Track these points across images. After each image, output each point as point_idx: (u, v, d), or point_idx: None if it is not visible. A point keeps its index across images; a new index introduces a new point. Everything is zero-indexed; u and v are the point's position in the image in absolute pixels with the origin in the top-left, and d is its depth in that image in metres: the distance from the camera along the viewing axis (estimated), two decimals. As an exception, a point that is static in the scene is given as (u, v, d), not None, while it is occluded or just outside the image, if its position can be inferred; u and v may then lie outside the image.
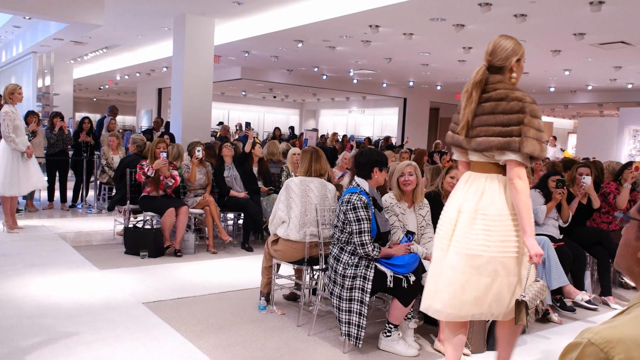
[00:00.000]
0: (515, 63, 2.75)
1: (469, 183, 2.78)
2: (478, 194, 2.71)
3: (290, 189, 4.24)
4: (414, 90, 19.39)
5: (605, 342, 1.07)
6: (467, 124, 2.73)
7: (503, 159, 2.67)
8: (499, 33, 2.57)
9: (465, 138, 2.76)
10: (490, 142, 2.65)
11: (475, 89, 2.72)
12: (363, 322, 3.50)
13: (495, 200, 2.69)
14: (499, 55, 2.74)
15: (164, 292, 4.72)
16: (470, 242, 2.70)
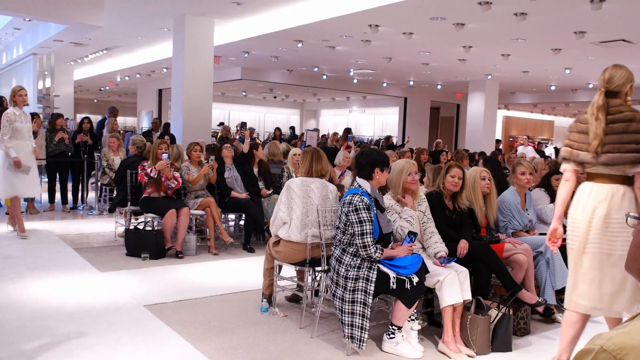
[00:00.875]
0: (629, 88, 3.18)
1: (595, 192, 3.17)
2: (607, 201, 3.12)
3: (291, 189, 4.21)
4: (415, 89, 19.36)
5: (619, 348, 1.05)
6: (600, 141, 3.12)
7: (633, 172, 3.10)
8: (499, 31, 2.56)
9: (593, 154, 3.14)
10: (625, 158, 3.07)
11: (600, 112, 3.13)
12: (366, 324, 3.48)
13: (624, 204, 3.12)
14: (616, 82, 3.16)
15: (166, 294, 4.69)
16: (605, 242, 3.10)
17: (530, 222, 4.82)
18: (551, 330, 4.26)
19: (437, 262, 3.81)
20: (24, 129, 6.48)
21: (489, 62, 12.61)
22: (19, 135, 6.41)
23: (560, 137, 26.50)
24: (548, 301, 4.31)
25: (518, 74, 14.22)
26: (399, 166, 4.01)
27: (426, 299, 4.13)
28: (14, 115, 6.37)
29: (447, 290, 3.66)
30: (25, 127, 6.48)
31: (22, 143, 6.45)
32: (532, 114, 25.13)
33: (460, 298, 3.67)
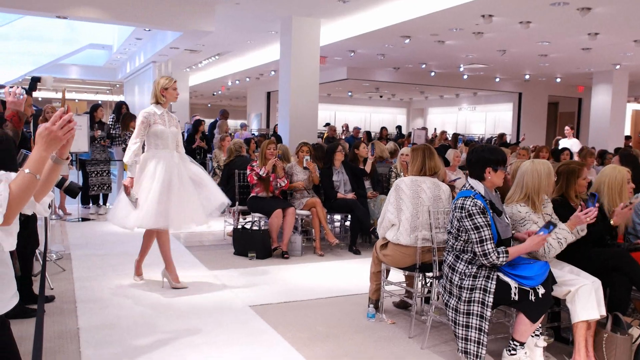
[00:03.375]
0: None
1: None
2: None
3: (401, 189, 3.96)
4: (530, 83, 18.24)
5: None
6: None
7: None
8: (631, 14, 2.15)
9: None
10: None
11: None
12: (484, 338, 3.14)
13: None
14: None
15: (271, 295, 4.64)
16: None
17: (677, 226, 4.18)
18: None
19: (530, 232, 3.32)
20: (168, 135, 4.68)
21: (618, 50, 11.48)
22: (160, 143, 4.64)
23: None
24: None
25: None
26: (547, 169, 3.49)
27: (553, 311, 3.70)
28: (153, 114, 4.65)
29: (581, 303, 3.22)
30: (169, 133, 4.68)
31: (165, 154, 4.65)
32: (669, 107, 22.70)
33: (597, 313, 3.22)
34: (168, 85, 4.68)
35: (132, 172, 4.59)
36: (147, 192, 4.52)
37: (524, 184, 3.49)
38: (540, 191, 3.46)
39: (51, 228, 6.98)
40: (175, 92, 4.75)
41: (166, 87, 4.67)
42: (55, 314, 4.03)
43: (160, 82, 4.70)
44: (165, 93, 4.68)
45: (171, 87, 4.69)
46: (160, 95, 4.68)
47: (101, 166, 8.25)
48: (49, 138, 1.79)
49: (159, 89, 4.68)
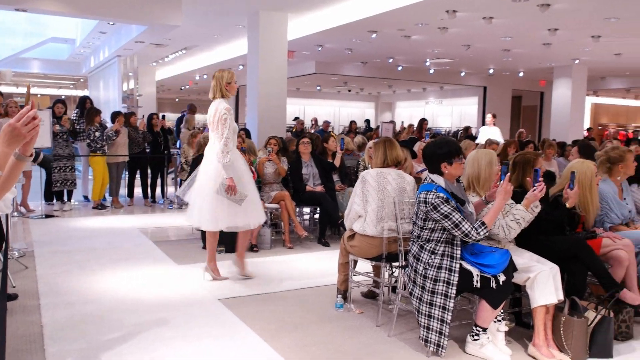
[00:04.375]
0: None
1: None
2: None
3: (367, 181, 4.03)
4: (495, 78, 18.56)
5: None
6: None
7: None
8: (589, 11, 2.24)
9: None
10: None
11: None
12: (445, 329, 3.24)
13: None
14: None
15: (240, 288, 4.66)
16: None
17: (630, 213, 4.37)
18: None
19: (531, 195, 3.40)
20: (236, 131, 4.74)
21: (577, 45, 11.79)
22: (233, 139, 4.64)
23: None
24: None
25: (609, 57, 13.22)
26: (487, 157, 3.63)
27: (513, 297, 3.82)
28: (230, 110, 4.61)
29: (540, 288, 3.35)
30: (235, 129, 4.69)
31: (236, 151, 4.76)
32: (625, 100, 23.40)
33: (554, 298, 3.35)
34: (231, 79, 4.65)
35: (229, 172, 4.51)
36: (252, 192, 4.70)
37: (465, 172, 3.63)
38: (480, 179, 3.59)
39: (13, 225, 6.84)
40: (236, 86, 4.75)
41: (229, 82, 4.64)
42: (17, 312, 3.97)
43: (224, 76, 4.65)
44: (229, 87, 4.65)
45: (233, 81, 4.67)
46: (225, 90, 4.64)
47: (64, 162, 8.09)
48: (12, 135, 1.78)
49: (224, 83, 4.63)
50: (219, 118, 4.52)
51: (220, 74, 4.67)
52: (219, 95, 4.65)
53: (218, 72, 4.70)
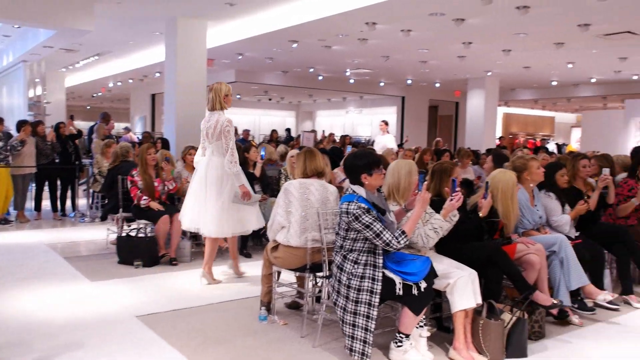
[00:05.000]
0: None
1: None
2: None
3: (289, 192, 3.99)
4: (413, 88, 19.18)
5: None
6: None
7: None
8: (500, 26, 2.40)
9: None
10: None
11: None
12: (369, 337, 3.24)
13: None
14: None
15: (159, 303, 4.46)
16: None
17: (541, 219, 4.60)
18: (567, 333, 4.04)
19: (449, 205, 3.50)
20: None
21: (489, 58, 12.42)
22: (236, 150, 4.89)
23: (561, 133, 26.33)
24: (563, 303, 4.08)
25: (519, 69, 14.03)
26: (406, 167, 3.72)
27: (434, 303, 3.90)
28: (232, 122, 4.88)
29: (459, 294, 3.44)
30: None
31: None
32: (533, 110, 24.93)
33: (473, 302, 3.45)
34: (228, 92, 4.85)
35: (240, 179, 4.79)
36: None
37: (386, 181, 3.69)
38: (400, 188, 3.67)
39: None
40: (232, 99, 4.96)
41: (227, 94, 4.84)
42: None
43: (223, 89, 4.84)
44: (227, 99, 4.84)
45: (230, 94, 4.87)
46: (223, 102, 4.82)
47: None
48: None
49: (222, 96, 4.81)
50: (222, 130, 4.74)
51: (218, 86, 4.85)
52: (218, 107, 4.82)
53: (217, 85, 4.88)
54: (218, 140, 4.78)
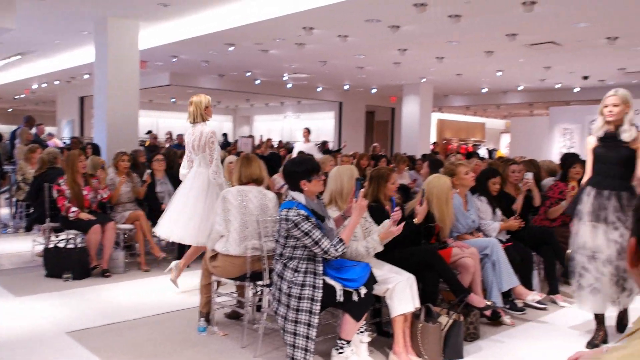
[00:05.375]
0: None
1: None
2: None
3: (227, 200, 3.92)
4: (350, 93, 19.39)
5: None
6: None
7: None
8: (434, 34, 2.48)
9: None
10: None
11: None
12: (311, 345, 3.23)
13: None
14: None
15: (91, 318, 4.26)
16: None
17: (474, 223, 4.75)
18: (500, 333, 4.18)
19: (386, 232, 3.51)
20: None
21: (424, 65, 12.73)
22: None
23: (491, 138, 27.40)
24: (496, 304, 4.23)
25: (451, 77, 14.46)
26: (348, 172, 3.74)
27: (374, 308, 3.95)
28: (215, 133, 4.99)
29: (398, 298, 3.49)
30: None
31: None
32: (465, 116, 25.82)
33: (412, 307, 3.51)
34: (208, 104, 4.95)
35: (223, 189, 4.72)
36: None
37: (329, 187, 3.73)
38: (343, 194, 3.70)
39: None
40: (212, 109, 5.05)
41: (207, 106, 4.94)
42: None
43: (203, 102, 4.92)
44: (207, 111, 4.94)
45: (210, 105, 4.99)
46: (204, 114, 4.91)
47: None
48: None
49: (203, 108, 4.91)
50: (206, 142, 4.83)
51: (198, 99, 4.94)
52: (199, 120, 4.92)
53: (196, 97, 4.96)
54: (204, 152, 4.87)
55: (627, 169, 3.78)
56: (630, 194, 3.75)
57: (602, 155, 3.85)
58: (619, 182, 3.78)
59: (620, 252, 3.74)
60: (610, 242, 3.75)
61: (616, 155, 3.78)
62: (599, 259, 3.79)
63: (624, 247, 3.70)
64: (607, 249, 3.76)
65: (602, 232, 3.77)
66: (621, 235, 3.74)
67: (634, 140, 3.73)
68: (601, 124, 3.84)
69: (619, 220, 3.73)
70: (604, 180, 3.82)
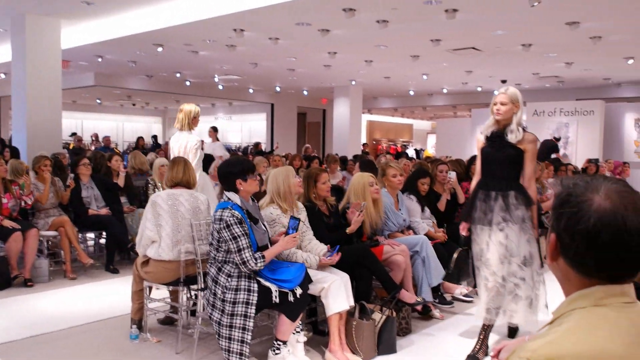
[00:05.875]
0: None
1: None
2: None
3: (157, 204, 3.84)
4: (281, 95, 19.41)
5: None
6: None
7: None
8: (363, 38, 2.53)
9: None
10: None
11: None
12: (246, 350, 3.24)
13: None
14: None
15: (14, 331, 4.06)
16: None
17: (405, 221, 4.90)
18: (430, 326, 4.35)
19: (325, 260, 3.63)
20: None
21: (353, 68, 12.96)
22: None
23: (418, 139, 28.24)
24: (426, 299, 4.39)
25: (380, 79, 14.80)
26: (277, 173, 3.81)
27: (310, 308, 3.99)
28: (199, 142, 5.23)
29: (333, 297, 3.55)
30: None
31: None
32: (394, 117, 26.47)
33: (346, 305, 3.58)
34: (197, 115, 5.21)
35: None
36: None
37: (268, 188, 3.80)
38: (280, 193, 3.75)
39: None
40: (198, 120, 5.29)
41: (195, 116, 5.18)
42: None
43: (192, 112, 5.17)
44: (194, 121, 5.19)
45: (198, 116, 5.24)
46: (192, 124, 5.16)
47: None
48: None
49: (191, 118, 5.15)
50: (190, 149, 5.05)
51: (189, 108, 5.19)
52: (186, 128, 5.16)
53: (187, 106, 5.20)
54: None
55: (513, 169, 3.63)
56: (517, 193, 3.58)
57: (489, 155, 3.70)
58: (505, 182, 3.61)
59: (506, 255, 3.56)
60: (495, 244, 3.57)
61: (502, 156, 3.62)
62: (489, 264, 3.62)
63: (509, 249, 3.55)
64: (493, 253, 3.59)
65: (488, 235, 3.61)
66: (506, 236, 3.57)
67: (520, 141, 3.59)
68: (491, 123, 3.69)
69: (504, 220, 3.56)
70: (491, 182, 3.67)
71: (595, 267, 1.08)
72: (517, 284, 3.56)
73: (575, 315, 1.08)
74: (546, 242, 1.20)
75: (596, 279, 1.09)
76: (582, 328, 1.05)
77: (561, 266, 1.13)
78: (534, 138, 3.66)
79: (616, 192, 1.08)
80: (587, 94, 15.17)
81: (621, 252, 1.05)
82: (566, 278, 1.14)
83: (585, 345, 1.01)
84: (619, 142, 13.27)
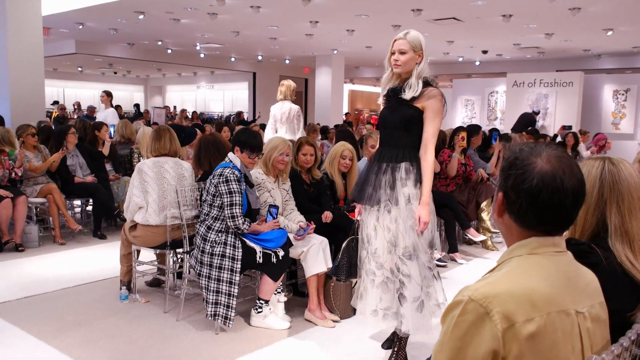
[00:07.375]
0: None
1: None
2: None
3: (144, 172, 4.02)
4: (263, 64, 19.35)
5: (484, 297, 1.17)
6: None
7: None
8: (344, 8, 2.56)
9: None
10: None
11: None
12: (233, 302, 3.48)
13: None
14: None
15: (9, 291, 4.25)
16: None
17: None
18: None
19: (295, 237, 3.88)
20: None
21: (335, 37, 12.99)
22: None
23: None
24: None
25: (362, 49, 14.84)
26: (274, 143, 3.98)
27: (290, 271, 4.22)
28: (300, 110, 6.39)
29: (312, 260, 3.78)
30: None
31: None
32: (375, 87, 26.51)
33: (324, 267, 3.81)
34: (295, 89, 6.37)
35: None
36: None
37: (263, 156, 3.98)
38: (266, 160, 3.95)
39: None
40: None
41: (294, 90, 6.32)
42: None
43: (291, 86, 6.31)
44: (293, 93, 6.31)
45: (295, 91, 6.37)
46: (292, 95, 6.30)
47: None
48: None
49: (292, 90, 6.28)
50: (294, 116, 6.20)
51: (288, 83, 6.28)
52: (289, 98, 6.22)
53: (287, 82, 6.29)
54: (290, 123, 6.16)
55: (409, 134, 2.91)
56: (410, 165, 2.89)
57: (384, 118, 3.02)
58: (397, 151, 2.92)
59: (394, 243, 2.91)
60: (384, 229, 2.94)
61: (396, 118, 2.92)
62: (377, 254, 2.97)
63: (396, 236, 2.89)
64: (381, 240, 2.95)
65: (376, 217, 2.97)
66: (394, 219, 2.90)
67: (418, 98, 2.87)
68: (389, 77, 3.02)
69: (389, 200, 2.90)
70: (384, 151, 2.98)
71: (535, 220, 1.26)
72: (402, 282, 2.89)
73: (512, 262, 1.27)
74: (494, 199, 1.39)
75: (534, 232, 1.27)
76: (517, 272, 1.24)
77: (506, 221, 1.32)
78: (437, 92, 2.90)
79: (556, 156, 1.25)
80: (567, 65, 15.39)
81: (557, 208, 1.23)
82: (509, 232, 1.33)
83: (518, 284, 1.20)
84: (597, 114, 13.56)
